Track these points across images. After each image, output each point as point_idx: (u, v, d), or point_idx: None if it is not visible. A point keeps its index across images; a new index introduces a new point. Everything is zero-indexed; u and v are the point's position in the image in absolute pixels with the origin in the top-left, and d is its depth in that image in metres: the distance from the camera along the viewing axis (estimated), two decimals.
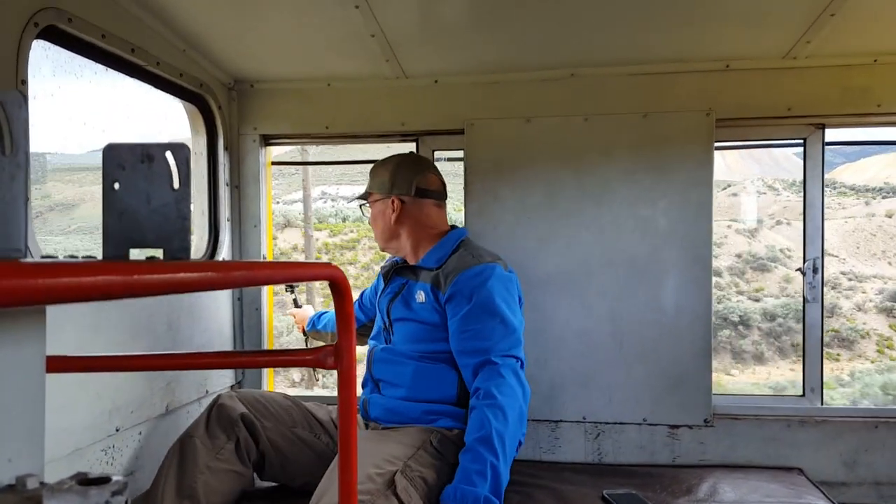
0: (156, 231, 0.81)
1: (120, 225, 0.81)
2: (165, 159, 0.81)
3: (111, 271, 0.58)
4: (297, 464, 2.17)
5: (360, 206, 2.45)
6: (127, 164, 0.81)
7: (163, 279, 0.68)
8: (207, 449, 2.01)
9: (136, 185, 0.81)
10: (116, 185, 0.82)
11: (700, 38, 2.39)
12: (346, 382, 1.09)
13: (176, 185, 0.81)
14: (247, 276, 0.95)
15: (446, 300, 2.12)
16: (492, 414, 1.89)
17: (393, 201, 2.27)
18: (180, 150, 0.80)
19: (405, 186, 2.27)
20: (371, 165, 2.39)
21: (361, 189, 2.42)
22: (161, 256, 0.80)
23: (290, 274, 1.08)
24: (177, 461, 1.98)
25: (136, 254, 0.81)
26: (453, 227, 2.36)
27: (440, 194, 2.34)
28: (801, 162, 2.63)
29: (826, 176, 2.64)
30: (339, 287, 1.08)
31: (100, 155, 0.81)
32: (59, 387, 1.76)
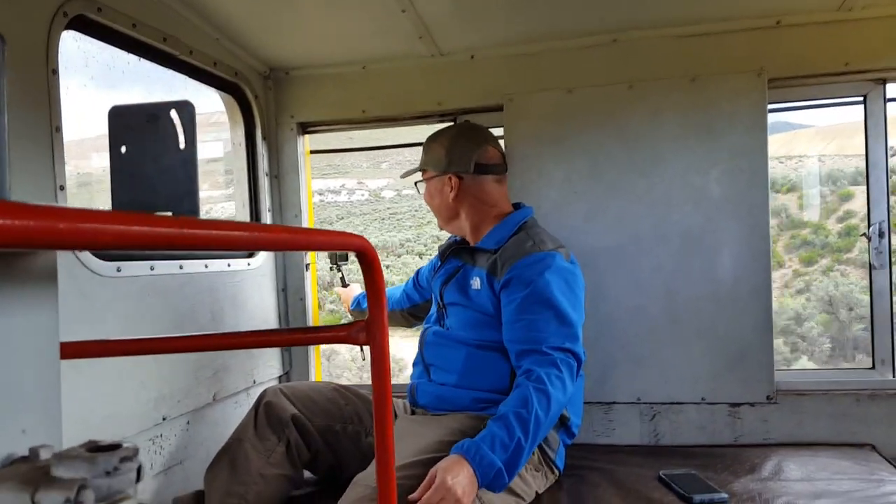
0: (165, 193, 0.78)
1: (129, 188, 0.78)
2: (171, 119, 0.78)
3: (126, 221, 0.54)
4: (350, 457, 2.12)
5: (416, 184, 2.32)
6: (133, 126, 0.79)
7: (176, 234, 0.64)
8: (259, 453, 1.96)
9: (142, 147, 0.78)
10: (124, 149, 0.79)
11: None
12: (378, 359, 1.04)
13: (182, 145, 0.78)
14: (265, 237, 0.90)
15: (501, 287, 2.02)
16: (538, 398, 1.79)
17: (451, 178, 2.14)
18: (185, 109, 0.77)
19: (463, 163, 2.14)
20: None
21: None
22: None
23: (313, 241, 1.03)
24: (227, 468, 1.94)
25: None
26: (517, 204, 2.24)
27: (500, 168, 2.20)
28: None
29: None
30: (367, 259, 1.03)
31: None
32: (102, 376, 1.77)
